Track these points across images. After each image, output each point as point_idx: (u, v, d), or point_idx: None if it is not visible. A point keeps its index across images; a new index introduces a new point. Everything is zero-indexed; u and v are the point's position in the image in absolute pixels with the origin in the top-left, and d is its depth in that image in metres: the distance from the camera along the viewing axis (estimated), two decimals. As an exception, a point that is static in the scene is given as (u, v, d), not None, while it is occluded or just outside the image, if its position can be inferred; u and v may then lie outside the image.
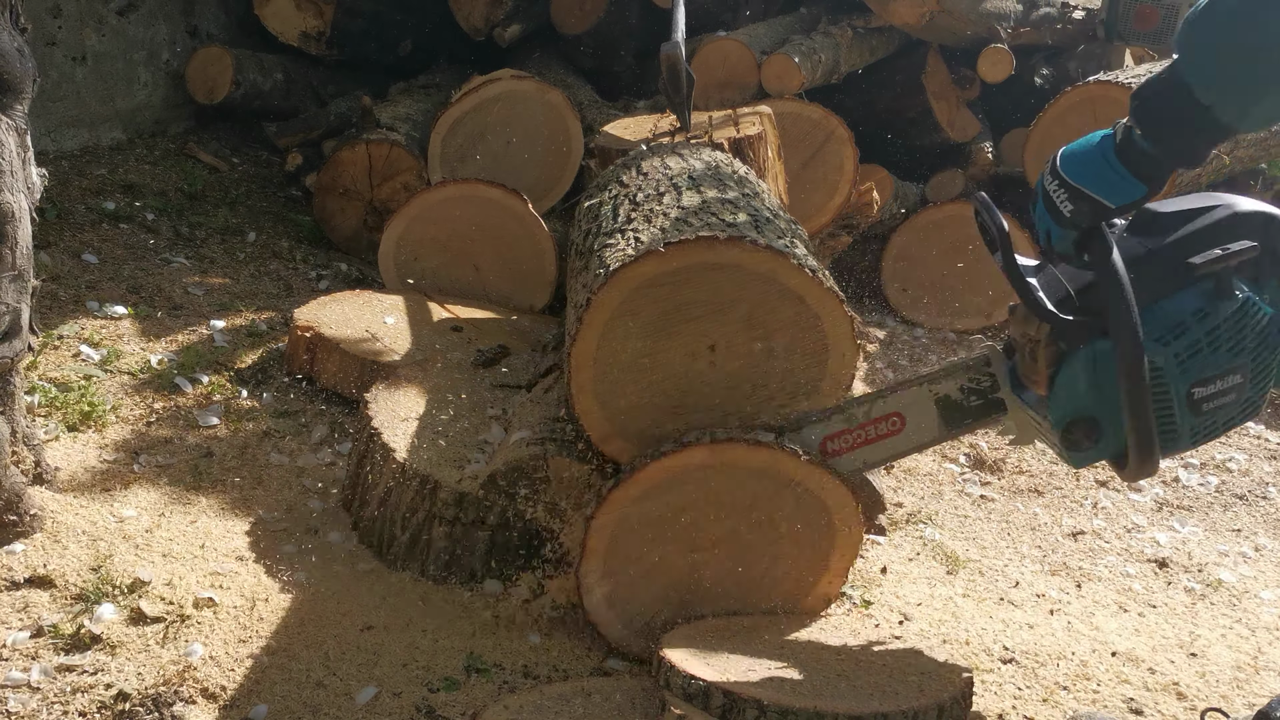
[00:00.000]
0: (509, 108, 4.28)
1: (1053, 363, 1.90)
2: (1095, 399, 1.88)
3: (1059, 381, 1.90)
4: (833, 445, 2.15)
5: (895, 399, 2.13)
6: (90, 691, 1.90)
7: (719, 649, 2.07)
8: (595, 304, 2.13)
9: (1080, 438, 1.91)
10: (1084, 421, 1.90)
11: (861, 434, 2.14)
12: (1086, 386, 1.88)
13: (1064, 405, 1.90)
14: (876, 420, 2.13)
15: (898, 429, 2.14)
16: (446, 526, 2.38)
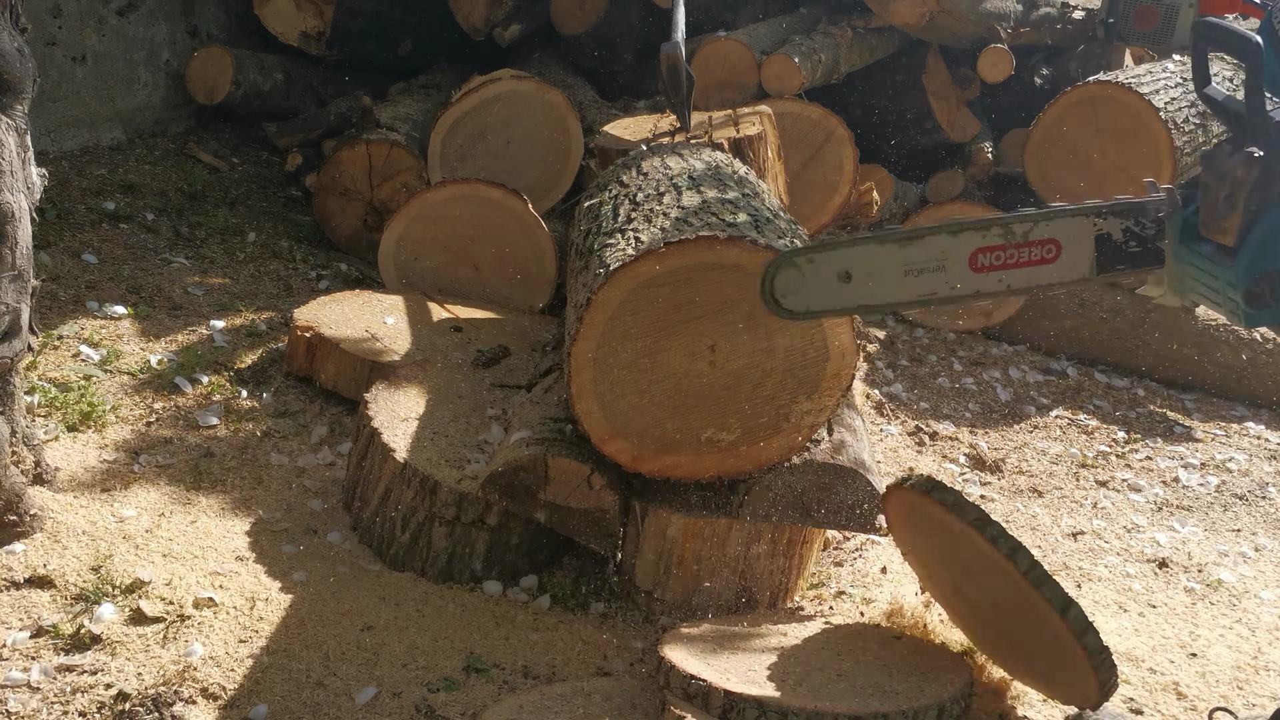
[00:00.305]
0: (509, 108, 4.28)
1: (1252, 212, 1.82)
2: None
3: (1256, 230, 1.82)
4: (983, 260, 2.01)
5: (1058, 225, 2.00)
6: (90, 691, 1.90)
7: (719, 649, 2.07)
8: (595, 304, 2.13)
9: (1265, 295, 1.83)
10: (1273, 276, 1.82)
11: (1015, 254, 2.01)
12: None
13: (1257, 257, 1.82)
14: (1034, 244, 2.01)
15: (1052, 257, 2.02)
16: (446, 526, 2.38)
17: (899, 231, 2.00)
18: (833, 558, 2.74)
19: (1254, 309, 1.85)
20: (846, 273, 1.99)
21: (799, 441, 2.24)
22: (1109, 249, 2.02)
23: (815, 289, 1.99)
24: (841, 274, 1.99)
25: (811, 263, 1.99)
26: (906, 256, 1.98)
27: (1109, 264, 2.03)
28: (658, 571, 2.36)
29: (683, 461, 2.25)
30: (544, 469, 2.28)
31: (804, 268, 2.00)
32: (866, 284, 1.99)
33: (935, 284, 2.00)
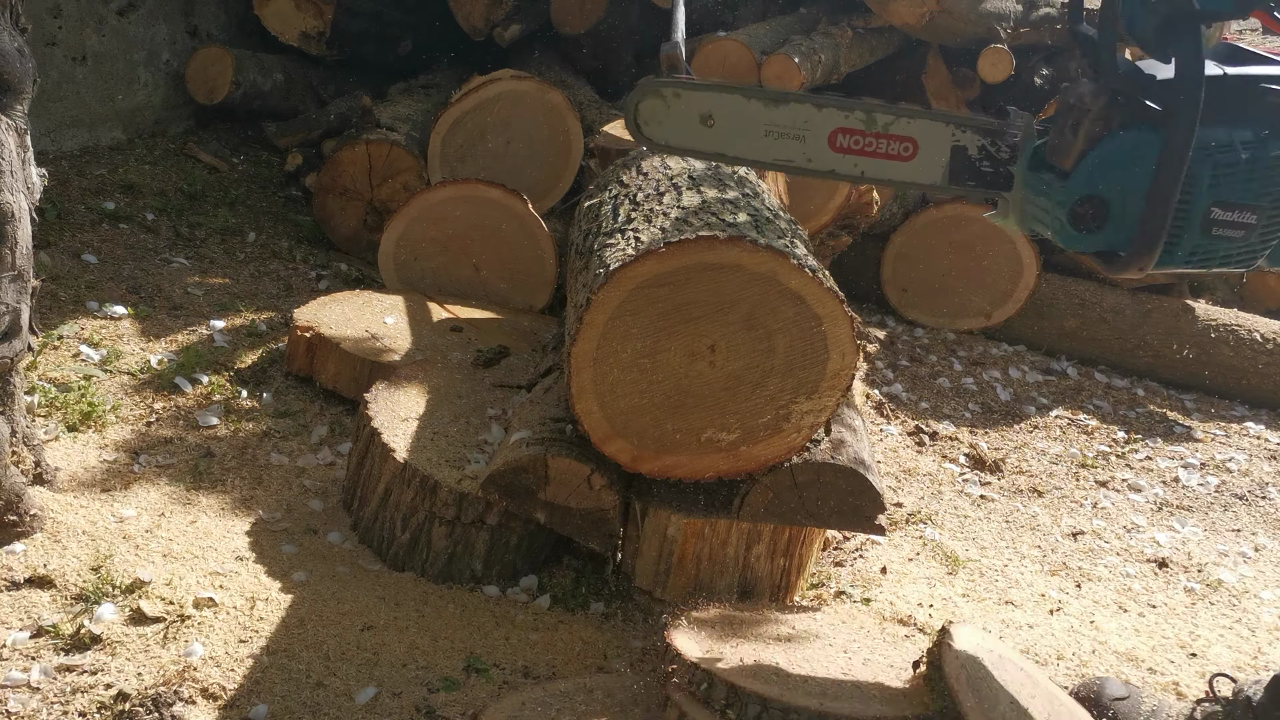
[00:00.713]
0: (509, 108, 4.28)
1: (1091, 139, 1.91)
2: (1118, 184, 1.90)
3: (1090, 157, 1.90)
4: (841, 140, 2.07)
5: (919, 125, 2.07)
6: (90, 691, 1.90)
7: (724, 643, 2.07)
8: (595, 304, 2.13)
9: (1089, 218, 1.92)
10: (1096, 202, 1.91)
11: (873, 143, 2.08)
12: (1115, 170, 1.90)
13: (1085, 181, 1.91)
14: (892, 137, 2.08)
15: (908, 155, 2.09)
16: (446, 526, 2.38)
17: (768, 91, 2.05)
18: (833, 558, 2.74)
19: (1076, 230, 1.93)
20: (710, 116, 2.04)
21: (799, 441, 2.24)
22: (963, 162, 2.08)
23: (676, 124, 2.05)
24: (704, 116, 2.04)
25: (678, 97, 2.04)
26: (770, 117, 2.03)
27: (960, 177, 2.09)
28: (658, 571, 2.36)
29: (683, 461, 2.25)
30: (544, 469, 2.28)
31: (669, 100, 2.05)
32: (727, 133, 2.04)
33: (793, 152, 2.06)
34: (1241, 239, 1.93)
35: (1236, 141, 1.87)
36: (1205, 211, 1.89)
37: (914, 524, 3.00)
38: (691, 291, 2.13)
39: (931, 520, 3.03)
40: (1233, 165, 1.87)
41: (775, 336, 2.16)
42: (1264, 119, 1.88)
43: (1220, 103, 1.85)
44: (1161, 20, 1.82)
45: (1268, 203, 1.91)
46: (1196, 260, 1.96)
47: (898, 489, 3.22)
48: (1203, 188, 1.87)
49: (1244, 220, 1.91)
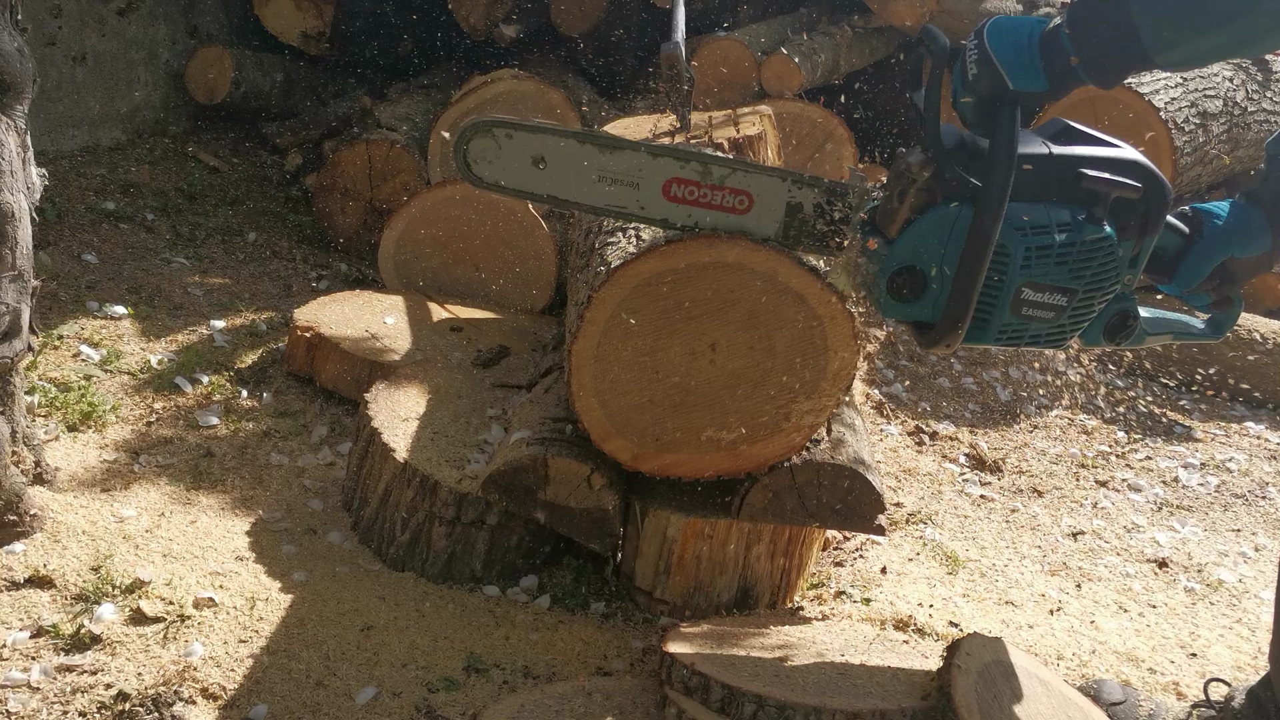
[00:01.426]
0: (509, 108, 4.28)
1: (915, 210, 1.91)
2: (934, 257, 1.90)
3: (913, 227, 1.91)
4: (676, 190, 2.07)
5: (755, 179, 2.08)
6: (90, 691, 1.90)
7: (721, 645, 2.07)
8: (596, 301, 2.13)
9: (904, 288, 1.93)
10: (914, 273, 1.92)
11: (709, 194, 2.08)
12: (933, 242, 1.90)
13: (904, 252, 1.92)
14: (728, 190, 2.08)
15: (744, 208, 2.09)
16: (446, 526, 2.38)
17: (602, 136, 2.05)
18: (833, 558, 2.74)
19: (893, 298, 1.95)
20: (542, 159, 2.03)
21: (799, 441, 2.24)
22: (798, 219, 2.09)
23: (508, 165, 2.04)
24: (536, 159, 2.04)
25: (509, 138, 2.03)
26: (603, 163, 2.03)
27: (796, 235, 2.11)
28: (658, 571, 2.36)
29: (683, 460, 2.25)
30: (544, 469, 2.28)
31: (500, 140, 2.04)
32: (558, 176, 2.04)
33: (627, 199, 2.06)
34: (1052, 320, 1.94)
35: (1053, 222, 1.87)
36: (1016, 291, 1.89)
37: (914, 524, 3.00)
38: (693, 289, 2.13)
39: (931, 520, 3.03)
40: (1046, 246, 1.87)
41: (776, 335, 2.16)
42: (1082, 202, 1.87)
43: (1041, 182, 1.85)
44: (980, 99, 1.83)
45: (1080, 285, 1.92)
46: (1006, 338, 1.97)
47: (898, 489, 3.22)
48: (1015, 267, 1.87)
49: (1054, 302, 1.91)
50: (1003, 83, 1.78)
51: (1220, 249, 2.01)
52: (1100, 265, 1.91)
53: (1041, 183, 1.86)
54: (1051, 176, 1.86)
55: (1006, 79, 1.78)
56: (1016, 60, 1.78)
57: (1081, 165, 1.86)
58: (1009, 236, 1.85)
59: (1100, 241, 1.89)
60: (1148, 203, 1.89)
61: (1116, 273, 1.94)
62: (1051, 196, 1.87)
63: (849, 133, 4.19)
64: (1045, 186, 1.86)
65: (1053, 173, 1.86)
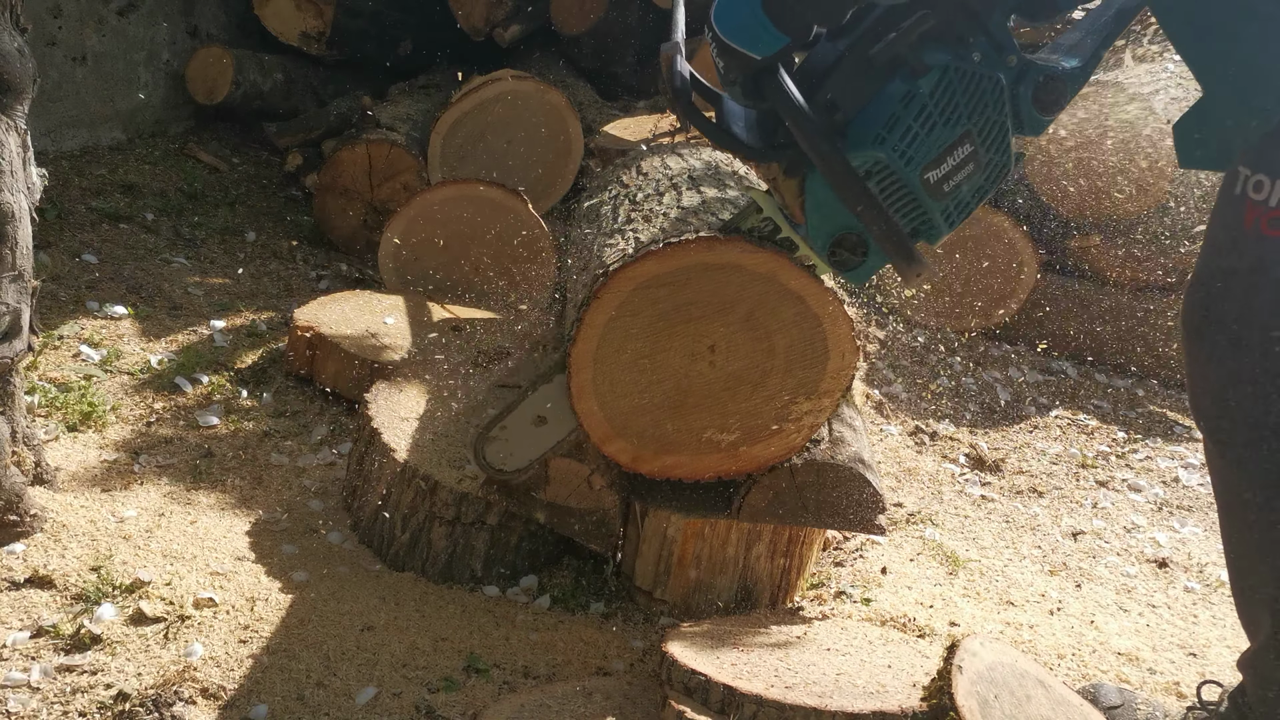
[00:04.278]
0: (509, 108, 4.28)
1: (798, 193, 1.89)
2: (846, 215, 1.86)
3: (807, 208, 1.89)
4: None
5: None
6: (90, 691, 1.90)
7: (721, 647, 2.07)
8: (595, 304, 2.13)
9: (847, 256, 1.91)
10: (846, 239, 1.89)
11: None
12: (833, 205, 1.86)
13: (820, 229, 1.90)
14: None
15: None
16: (446, 526, 2.38)
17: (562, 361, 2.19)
18: (833, 558, 2.74)
19: (845, 271, 1.92)
20: (541, 417, 2.25)
21: (799, 441, 2.24)
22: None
23: (523, 445, 2.25)
24: (537, 419, 2.25)
25: (505, 430, 2.24)
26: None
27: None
28: (658, 571, 2.36)
29: (683, 462, 2.25)
30: (544, 469, 2.28)
31: (502, 436, 2.25)
32: (564, 419, 2.22)
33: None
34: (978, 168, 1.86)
35: (892, 106, 1.78)
36: (923, 183, 1.83)
37: (914, 524, 3.00)
38: (692, 291, 2.13)
39: (931, 520, 3.03)
40: (908, 131, 1.79)
41: (775, 336, 2.16)
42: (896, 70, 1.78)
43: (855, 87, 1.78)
44: (743, 83, 1.78)
45: (966, 124, 1.82)
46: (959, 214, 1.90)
47: (898, 489, 3.22)
48: (900, 168, 1.81)
49: (963, 155, 1.84)
50: (748, 59, 1.74)
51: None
52: (963, 95, 1.81)
53: (854, 84, 1.79)
54: (857, 71, 1.79)
55: (750, 54, 1.73)
56: (748, 32, 1.74)
57: (866, 47, 1.78)
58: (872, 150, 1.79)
59: (941, 80, 1.79)
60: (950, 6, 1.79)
61: (985, 79, 1.82)
62: (872, 85, 1.79)
63: (849, 133, 4.18)
64: (860, 83, 1.79)
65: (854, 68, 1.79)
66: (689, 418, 2.20)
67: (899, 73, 1.78)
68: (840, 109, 1.78)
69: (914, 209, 1.86)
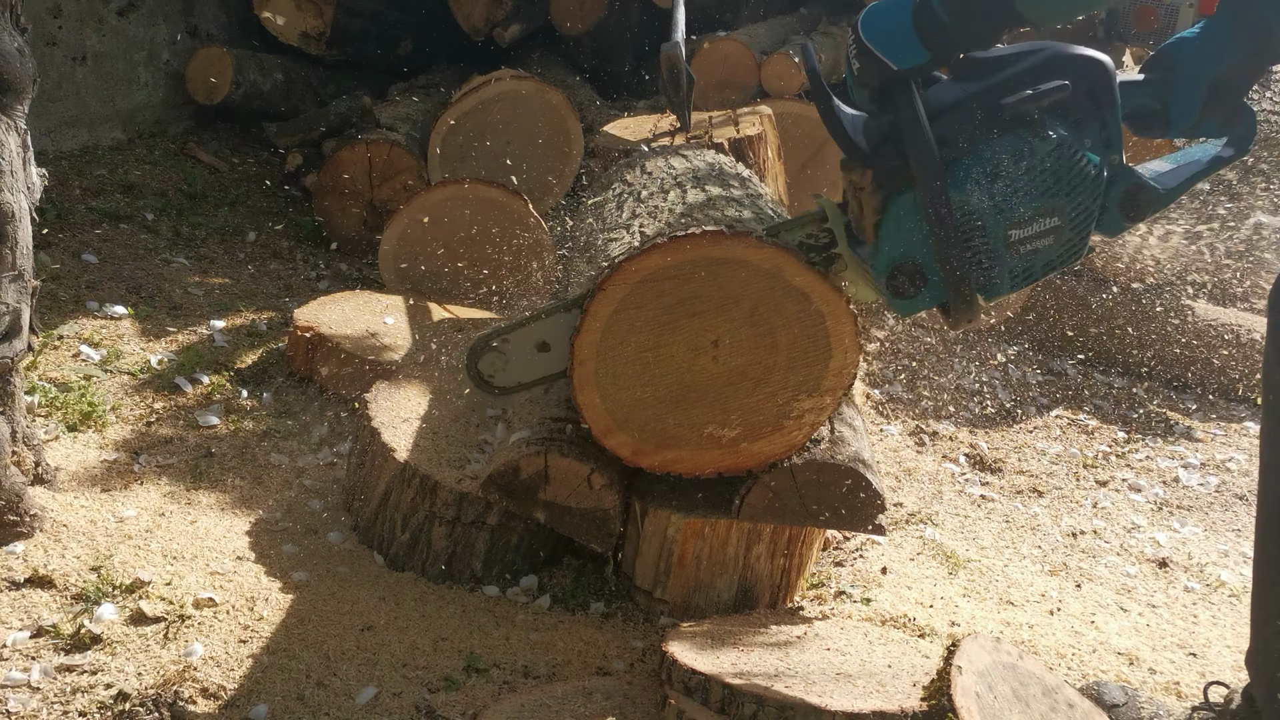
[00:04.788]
0: (509, 108, 4.28)
1: (878, 210, 1.91)
2: (919, 244, 1.89)
3: (882, 228, 1.91)
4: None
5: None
6: (90, 691, 1.90)
7: (721, 646, 2.07)
8: (600, 296, 2.12)
9: (905, 284, 1.93)
10: (908, 267, 1.92)
11: None
12: (909, 231, 1.89)
13: (888, 251, 1.92)
14: None
15: None
16: (446, 526, 2.38)
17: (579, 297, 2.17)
18: (833, 558, 2.74)
19: (898, 299, 1.94)
20: (544, 343, 2.22)
21: (800, 439, 2.24)
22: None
23: (519, 365, 2.23)
24: (540, 345, 2.22)
25: (508, 343, 2.21)
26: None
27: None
28: (658, 571, 2.36)
29: (683, 457, 2.25)
30: (544, 468, 2.28)
31: (503, 349, 2.23)
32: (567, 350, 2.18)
33: None
34: (1055, 242, 1.92)
35: (1002, 158, 1.85)
36: (1004, 237, 1.88)
37: (914, 524, 3.00)
38: (696, 286, 2.13)
39: (931, 520, 3.03)
40: (1008, 184, 1.85)
41: (778, 333, 2.16)
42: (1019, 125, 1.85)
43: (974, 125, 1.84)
44: (872, 90, 1.83)
45: (1061, 200, 1.89)
46: (1022, 280, 1.95)
47: (898, 489, 3.21)
48: (989, 218, 1.86)
49: (1048, 226, 1.89)
50: (886, 67, 1.78)
51: (1199, 71, 1.94)
52: (1069, 171, 1.87)
53: (974, 126, 1.84)
54: (980, 116, 1.84)
55: (888, 62, 1.77)
56: (892, 42, 1.78)
57: (998, 96, 1.83)
58: (968, 192, 1.84)
59: (1057, 150, 1.86)
60: (1085, 86, 1.85)
61: (1092, 166, 1.89)
62: (991, 134, 1.85)
63: (849, 133, 4.18)
64: (980, 127, 1.84)
65: (979, 112, 1.84)
66: (691, 412, 2.20)
67: (1019, 130, 1.85)
68: (949, 145, 1.83)
69: (987, 259, 1.90)
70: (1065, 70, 1.84)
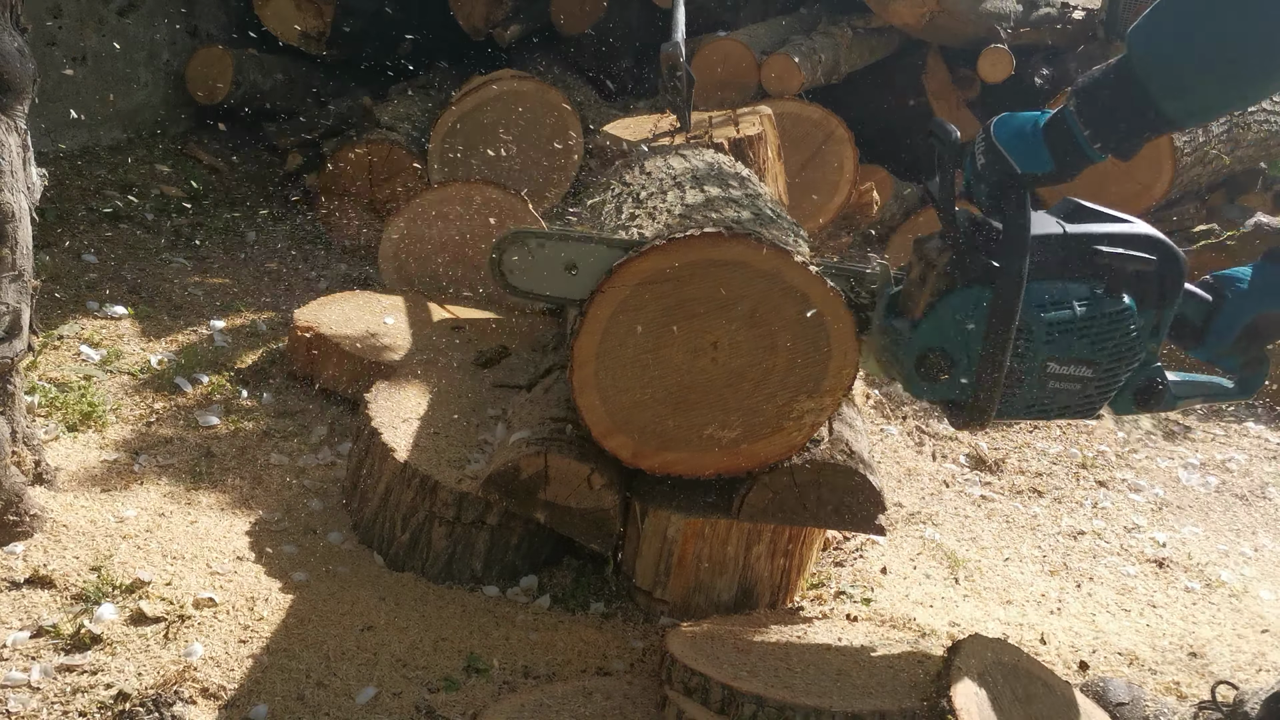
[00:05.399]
0: (509, 108, 4.28)
1: (937, 293, 2.00)
2: (960, 337, 1.98)
3: (936, 310, 2.00)
4: None
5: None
6: (90, 691, 1.90)
7: (721, 646, 2.07)
8: (599, 298, 2.12)
9: (934, 369, 2.02)
10: (942, 355, 2.00)
11: None
12: (958, 324, 1.98)
13: (930, 334, 2.01)
14: None
15: None
16: (446, 526, 2.38)
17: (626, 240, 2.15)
18: (833, 558, 2.74)
19: (921, 379, 2.04)
20: (574, 265, 2.15)
21: (800, 440, 2.24)
22: None
23: (541, 272, 2.17)
24: (569, 264, 2.16)
25: (542, 247, 2.15)
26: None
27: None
28: (658, 571, 2.36)
29: (683, 458, 2.25)
30: (544, 469, 2.28)
31: (534, 250, 2.17)
32: (590, 282, 2.13)
33: None
34: (1079, 391, 2.01)
35: (1072, 298, 1.95)
36: (1042, 366, 1.97)
37: (914, 524, 3.00)
38: (695, 288, 2.13)
39: (931, 520, 3.03)
40: (1067, 321, 1.95)
41: (778, 334, 2.16)
42: (1099, 277, 1.96)
43: (1058, 260, 1.94)
44: (991, 185, 1.91)
45: (1103, 357, 1.99)
46: (1035, 411, 2.05)
47: (898, 489, 3.21)
48: (1039, 343, 1.95)
49: (1080, 374, 1.99)
50: (1010, 168, 1.87)
51: (1247, 309, 2.08)
52: (1121, 336, 1.98)
53: (1058, 260, 1.94)
54: (1068, 254, 1.94)
55: (1014, 164, 1.86)
56: (1021, 146, 1.87)
57: (1095, 242, 1.94)
58: (1030, 314, 1.93)
59: (1120, 314, 1.96)
60: (1162, 273, 1.97)
61: (1138, 343, 2.00)
62: (1069, 273, 1.95)
63: (849, 133, 4.19)
64: (1062, 264, 1.95)
65: (1069, 250, 1.94)
66: (690, 414, 2.20)
67: (1097, 281, 1.95)
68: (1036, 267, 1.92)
69: (1017, 381, 1.99)
70: (1154, 250, 1.96)
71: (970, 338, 1.97)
